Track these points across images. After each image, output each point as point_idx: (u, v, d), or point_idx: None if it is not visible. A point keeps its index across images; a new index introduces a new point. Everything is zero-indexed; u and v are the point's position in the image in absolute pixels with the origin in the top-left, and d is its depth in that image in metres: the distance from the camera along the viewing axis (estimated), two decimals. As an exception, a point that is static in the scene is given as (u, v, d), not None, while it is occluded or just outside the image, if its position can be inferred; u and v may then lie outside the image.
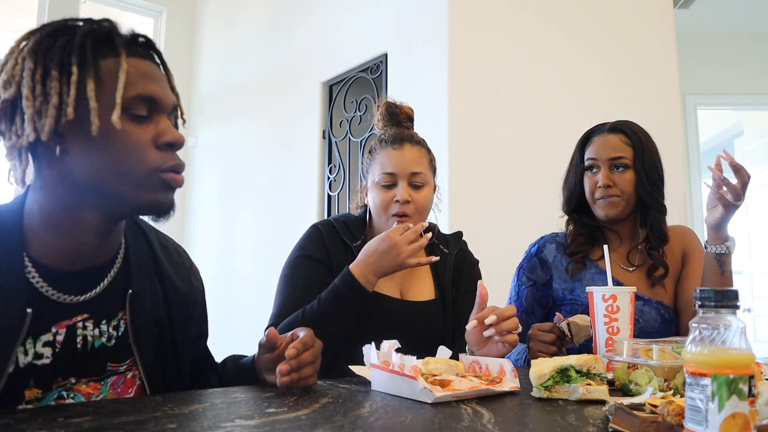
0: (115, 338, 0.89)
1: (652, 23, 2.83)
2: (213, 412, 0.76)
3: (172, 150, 0.84)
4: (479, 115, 2.67)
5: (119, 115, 0.78)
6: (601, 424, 0.73)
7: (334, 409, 0.79)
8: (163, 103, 0.84)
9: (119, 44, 0.81)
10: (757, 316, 4.52)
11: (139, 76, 0.81)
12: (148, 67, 0.84)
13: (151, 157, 0.82)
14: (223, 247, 4.40)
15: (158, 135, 0.82)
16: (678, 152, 2.71)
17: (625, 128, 1.49)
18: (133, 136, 0.80)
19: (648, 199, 1.45)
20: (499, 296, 1.60)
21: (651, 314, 1.43)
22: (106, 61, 0.80)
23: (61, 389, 0.84)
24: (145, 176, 0.81)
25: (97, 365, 0.87)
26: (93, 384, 0.87)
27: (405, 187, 1.35)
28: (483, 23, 2.75)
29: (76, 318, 0.85)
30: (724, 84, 4.57)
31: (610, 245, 1.49)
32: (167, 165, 0.83)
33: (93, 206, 0.83)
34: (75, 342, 0.85)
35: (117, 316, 0.90)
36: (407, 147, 1.39)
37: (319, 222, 1.41)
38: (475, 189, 2.63)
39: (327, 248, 1.34)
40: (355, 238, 1.37)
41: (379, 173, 1.37)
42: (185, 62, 5.11)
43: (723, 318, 0.57)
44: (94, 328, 0.87)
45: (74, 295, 0.85)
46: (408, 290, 1.41)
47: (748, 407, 0.54)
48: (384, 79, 3.13)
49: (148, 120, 0.82)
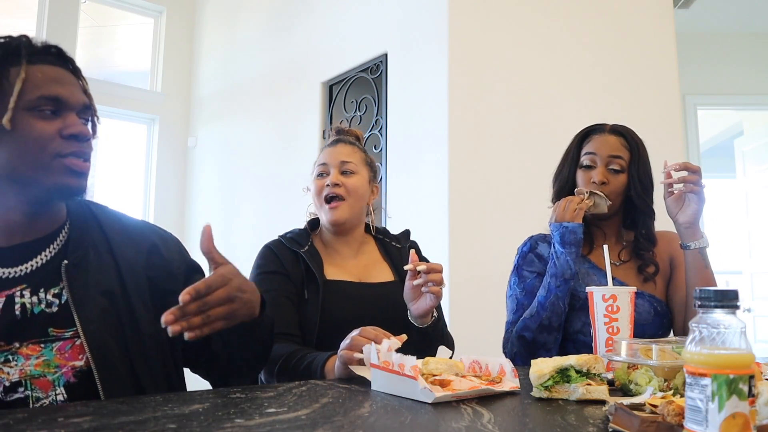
0: (57, 305, 0.97)
1: (652, 23, 2.83)
2: (213, 412, 0.76)
3: (76, 140, 0.96)
4: (479, 115, 2.67)
5: (9, 118, 0.91)
6: (601, 424, 0.73)
7: (334, 409, 0.79)
8: (70, 102, 0.97)
9: (23, 55, 0.95)
10: (757, 316, 4.52)
11: (46, 80, 0.95)
12: (56, 72, 0.97)
13: (53, 145, 0.94)
14: (223, 246, 4.36)
15: (64, 128, 0.95)
16: (678, 152, 2.71)
17: (625, 132, 1.53)
18: (38, 130, 0.94)
19: (639, 203, 1.49)
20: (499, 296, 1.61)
21: (644, 306, 1.45)
22: (14, 69, 0.94)
23: (6, 353, 0.93)
24: (49, 161, 0.94)
25: (38, 330, 0.95)
26: (32, 346, 0.95)
27: (335, 174, 1.46)
28: (483, 23, 2.76)
29: (14, 289, 0.96)
30: (724, 84, 4.57)
31: (594, 243, 1.54)
32: (68, 150, 0.95)
33: (13, 192, 0.95)
34: (13, 309, 0.95)
35: (57, 285, 0.98)
36: (340, 145, 1.53)
37: (269, 242, 1.49)
38: (474, 189, 2.63)
39: (280, 260, 1.42)
40: (301, 246, 1.45)
41: (314, 167, 1.51)
42: (185, 62, 5.11)
43: (723, 318, 0.57)
44: (31, 296, 0.96)
45: (11, 267, 0.96)
46: (366, 276, 1.48)
47: (748, 407, 0.54)
48: (384, 79, 3.13)
49: (55, 116, 0.95)
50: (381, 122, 3.13)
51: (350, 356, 1.06)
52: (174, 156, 4.99)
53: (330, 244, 1.51)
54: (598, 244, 1.53)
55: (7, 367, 0.92)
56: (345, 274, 1.46)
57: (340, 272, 1.46)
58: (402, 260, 1.51)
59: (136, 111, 4.88)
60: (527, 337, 1.42)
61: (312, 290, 1.39)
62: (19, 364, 0.93)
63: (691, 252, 1.40)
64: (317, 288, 1.38)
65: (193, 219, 4.85)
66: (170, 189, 4.93)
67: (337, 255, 1.50)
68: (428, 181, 2.69)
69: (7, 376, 0.92)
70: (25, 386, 0.92)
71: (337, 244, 1.50)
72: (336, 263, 1.48)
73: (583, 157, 1.53)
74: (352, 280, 1.46)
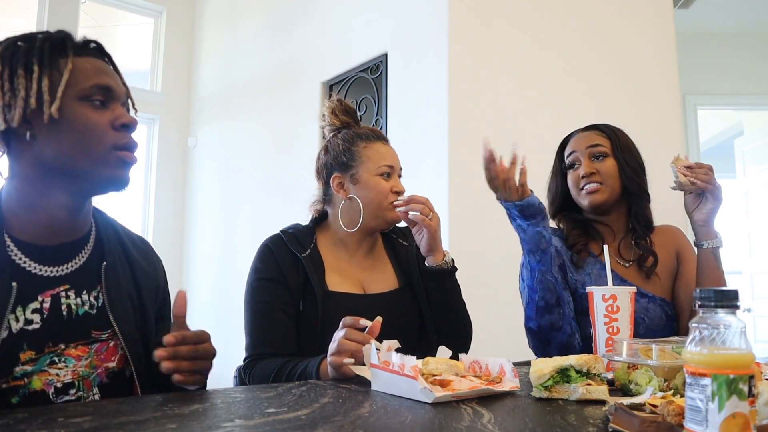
0: (96, 308, 1.00)
1: (652, 23, 2.83)
2: (213, 412, 0.76)
3: (127, 131, 0.98)
4: (479, 115, 2.67)
5: (57, 107, 0.91)
6: (601, 424, 0.73)
7: (334, 409, 0.79)
8: (117, 92, 0.99)
9: (69, 47, 0.96)
10: (757, 316, 4.52)
11: (95, 71, 0.97)
12: (100, 64, 0.99)
13: (108, 136, 0.95)
14: (223, 246, 4.41)
15: (115, 119, 0.96)
16: (678, 152, 2.71)
17: (600, 125, 1.55)
18: (92, 120, 0.94)
19: (631, 186, 1.48)
20: (499, 296, 1.61)
21: (656, 312, 1.44)
22: (63, 61, 0.95)
23: (52, 354, 0.93)
24: (104, 153, 0.94)
25: (83, 331, 0.97)
26: (81, 348, 0.97)
27: (398, 180, 1.45)
28: (483, 24, 2.75)
29: (59, 288, 0.96)
30: (724, 84, 4.57)
31: (603, 239, 1.52)
32: (122, 142, 0.96)
33: (62, 185, 0.95)
34: (60, 310, 0.96)
35: (96, 288, 1.01)
36: (389, 145, 1.49)
37: (268, 238, 1.42)
38: (475, 189, 2.62)
39: (279, 265, 1.36)
40: (303, 248, 1.38)
41: (379, 164, 1.41)
42: (185, 62, 5.11)
43: (723, 318, 0.57)
44: (76, 297, 0.98)
45: (54, 266, 0.97)
46: (370, 284, 1.43)
47: (748, 407, 0.54)
48: (384, 79, 3.13)
49: (104, 107, 0.96)
50: (381, 122, 3.13)
51: (339, 362, 1.04)
52: (174, 156, 4.98)
53: (339, 243, 1.44)
54: (608, 242, 1.50)
55: (55, 369, 0.93)
56: (347, 283, 1.40)
57: (343, 281, 1.39)
58: (409, 260, 1.48)
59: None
60: (533, 327, 1.39)
61: (309, 301, 1.33)
62: (70, 366, 0.94)
63: (704, 251, 1.39)
64: (315, 300, 1.32)
65: (193, 219, 4.85)
66: (170, 189, 4.93)
67: (343, 256, 1.44)
68: (428, 181, 2.69)
69: (57, 378, 0.93)
70: (78, 387, 0.94)
71: (350, 241, 1.43)
72: (340, 269, 1.41)
73: (566, 159, 1.54)
74: (354, 292, 1.39)
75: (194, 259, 4.77)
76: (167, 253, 4.41)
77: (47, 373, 0.92)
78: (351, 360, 1.03)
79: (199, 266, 4.70)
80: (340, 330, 1.08)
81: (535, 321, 1.37)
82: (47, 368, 0.92)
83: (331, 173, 1.44)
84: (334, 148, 1.45)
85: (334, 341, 1.07)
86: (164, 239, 4.74)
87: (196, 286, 4.60)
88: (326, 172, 1.46)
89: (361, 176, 1.40)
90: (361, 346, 1.04)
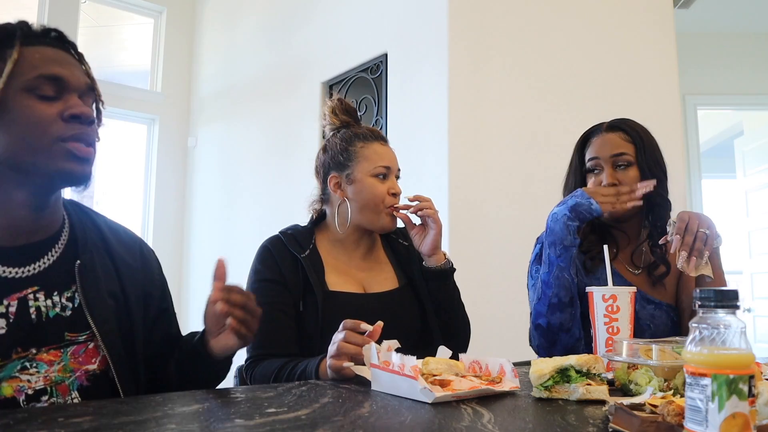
0: (70, 309, 0.95)
1: (652, 23, 2.83)
2: (213, 412, 0.76)
3: (79, 123, 0.91)
4: (479, 115, 2.67)
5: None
6: (601, 424, 0.73)
7: (334, 409, 0.79)
8: (71, 83, 0.92)
9: (18, 37, 0.91)
10: (757, 316, 4.53)
11: (44, 60, 0.91)
12: (56, 53, 0.93)
13: (54, 128, 0.89)
14: (223, 246, 4.40)
15: (65, 109, 0.90)
16: (678, 152, 2.72)
17: (624, 125, 1.47)
18: (37, 111, 0.88)
19: (653, 196, 1.42)
20: (499, 297, 1.61)
21: (662, 319, 1.41)
22: (9, 51, 0.89)
23: (23, 360, 0.89)
24: (48, 145, 0.89)
25: (55, 335, 0.93)
26: (53, 352, 0.92)
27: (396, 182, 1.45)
28: (483, 23, 2.76)
29: (26, 291, 0.92)
30: (724, 84, 4.57)
31: (618, 245, 1.48)
32: (69, 134, 0.90)
33: (16, 182, 0.90)
34: (29, 313, 0.91)
35: (70, 288, 0.96)
36: (388, 145, 1.47)
37: (267, 240, 1.41)
38: (475, 189, 2.63)
39: (278, 266, 1.36)
40: (303, 249, 1.38)
41: (375, 164, 1.41)
42: (185, 62, 5.11)
43: (723, 318, 0.57)
44: (46, 299, 0.93)
45: (20, 267, 0.92)
46: (370, 284, 1.42)
47: (748, 407, 0.54)
48: (384, 79, 3.13)
49: (56, 99, 0.90)
50: (381, 122, 3.13)
51: (339, 365, 1.04)
52: (174, 156, 4.99)
53: (338, 243, 1.44)
54: (621, 248, 1.48)
55: (26, 375, 0.89)
56: (348, 282, 1.40)
57: (343, 281, 1.39)
58: (409, 259, 1.48)
59: (136, 111, 4.88)
60: (542, 324, 1.35)
61: (309, 302, 1.33)
62: (42, 371, 0.90)
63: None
64: (315, 300, 1.32)
65: (193, 219, 4.85)
66: (170, 189, 4.93)
67: (342, 256, 1.43)
68: (428, 181, 2.69)
69: (28, 384, 0.89)
70: (50, 393, 0.91)
71: (348, 241, 1.43)
72: (339, 269, 1.41)
73: (587, 163, 1.48)
74: (354, 291, 1.39)
75: (194, 259, 4.77)
76: (167, 253, 4.41)
77: (18, 380, 0.88)
78: (350, 363, 1.03)
79: (199, 266, 4.70)
80: (340, 332, 1.08)
81: (546, 318, 1.34)
82: (18, 374, 0.88)
83: (328, 173, 1.44)
84: (332, 147, 1.45)
85: (333, 344, 1.07)
86: (164, 239, 4.74)
87: (196, 286, 4.60)
88: (324, 171, 1.46)
89: (356, 176, 1.40)
90: (360, 349, 1.03)
